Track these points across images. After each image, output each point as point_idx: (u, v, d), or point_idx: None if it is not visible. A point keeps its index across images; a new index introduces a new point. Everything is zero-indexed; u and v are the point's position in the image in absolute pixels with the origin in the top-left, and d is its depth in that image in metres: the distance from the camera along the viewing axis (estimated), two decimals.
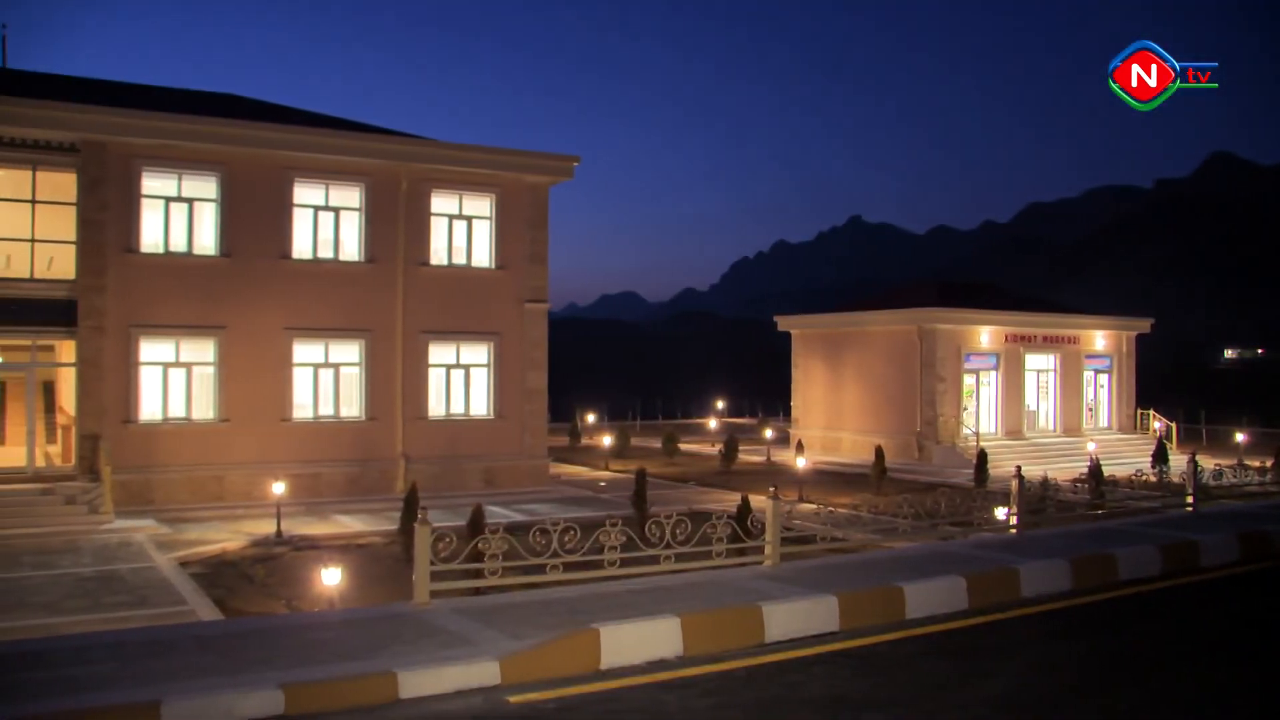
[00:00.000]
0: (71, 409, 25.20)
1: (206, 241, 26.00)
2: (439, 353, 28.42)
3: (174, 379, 25.50)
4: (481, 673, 8.89)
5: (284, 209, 26.52)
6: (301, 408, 26.83)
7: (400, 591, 15.24)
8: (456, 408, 28.77)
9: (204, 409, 25.75)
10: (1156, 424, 44.56)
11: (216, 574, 18.44)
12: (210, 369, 25.76)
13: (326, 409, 27.14)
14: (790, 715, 8.37)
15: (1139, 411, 44.84)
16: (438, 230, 28.54)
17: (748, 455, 38.86)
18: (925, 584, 11.89)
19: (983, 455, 30.12)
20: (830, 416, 42.92)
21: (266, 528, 22.07)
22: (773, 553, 13.36)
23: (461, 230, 28.91)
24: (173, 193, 25.63)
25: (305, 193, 26.94)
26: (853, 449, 40.47)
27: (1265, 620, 12.17)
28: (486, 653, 9.20)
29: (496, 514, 22.16)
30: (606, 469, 35.91)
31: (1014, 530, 16.29)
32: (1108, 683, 9.37)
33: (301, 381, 26.84)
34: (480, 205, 29.04)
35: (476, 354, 28.97)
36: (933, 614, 11.57)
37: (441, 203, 28.53)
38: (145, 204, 25.22)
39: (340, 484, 26.71)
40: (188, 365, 25.62)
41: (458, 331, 28.55)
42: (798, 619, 10.74)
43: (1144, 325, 45.41)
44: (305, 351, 26.86)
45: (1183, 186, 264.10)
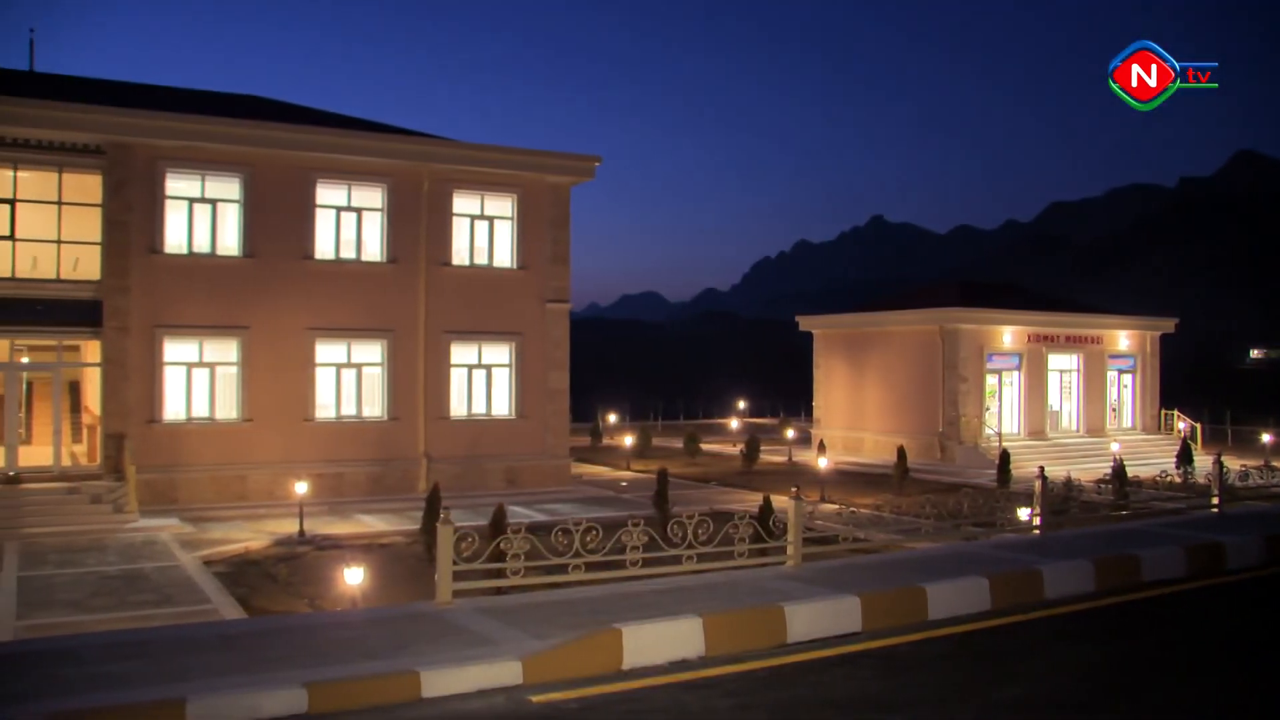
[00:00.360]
0: (97, 409, 25.38)
1: (230, 242, 26.14)
2: (461, 353, 28.50)
3: (198, 379, 25.65)
4: (504, 672, 8.89)
5: (306, 209, 26.65)
6: (324, 407, 26.95)
7: (422, 591, 15.30)
8: (478, 408, 28.84)
9: (227, 409, 25.90)
10: (1181, 424, 44.24)
11: (240, 573, 18.54)
12: (234, 369, 25.91)
13: (349, 409, 27.25)
14: (812, 716, 8.34)
15: (1163, 412, 44.56)
16: (459, 230, 28.62)
17: (769, 455, 38.81)
18: (948, 584, 11.83)
19: (1005, 456, 29.99)
20: (852, 417, 42.81)
21: (289, 527, 22.18)
22: (795, 553, 13.32)
23: (483, 230, 28.98)
24: (196, 194, 25.80)
25: (328, 193, 27.06)
26: (875, 449, 40.36)
27: None
28: (509, 652, 9.21)
29: (518, 514, 22.20)
30: (628, 469, 35.92)
31: (1037, 531, 16.21)
32: (1131, 685, 9.30)
33: (324, 381, 26.96)
34: (502, 205, 29.10)
35: (498, 354, 29.03)
36: (955, 615, 11.51)
37: (463, 203, 28.61)
38: (169, 205, 25.41)
39: (362, 484, 26.81)
40: (211, 365, 25.77)
41: (480, 331, 28.61)
42: (820, 619, 10.70)
43: (1168, 325, 45.12)
44: (328, 351, 26.98)
45: (1207, 185, 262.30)
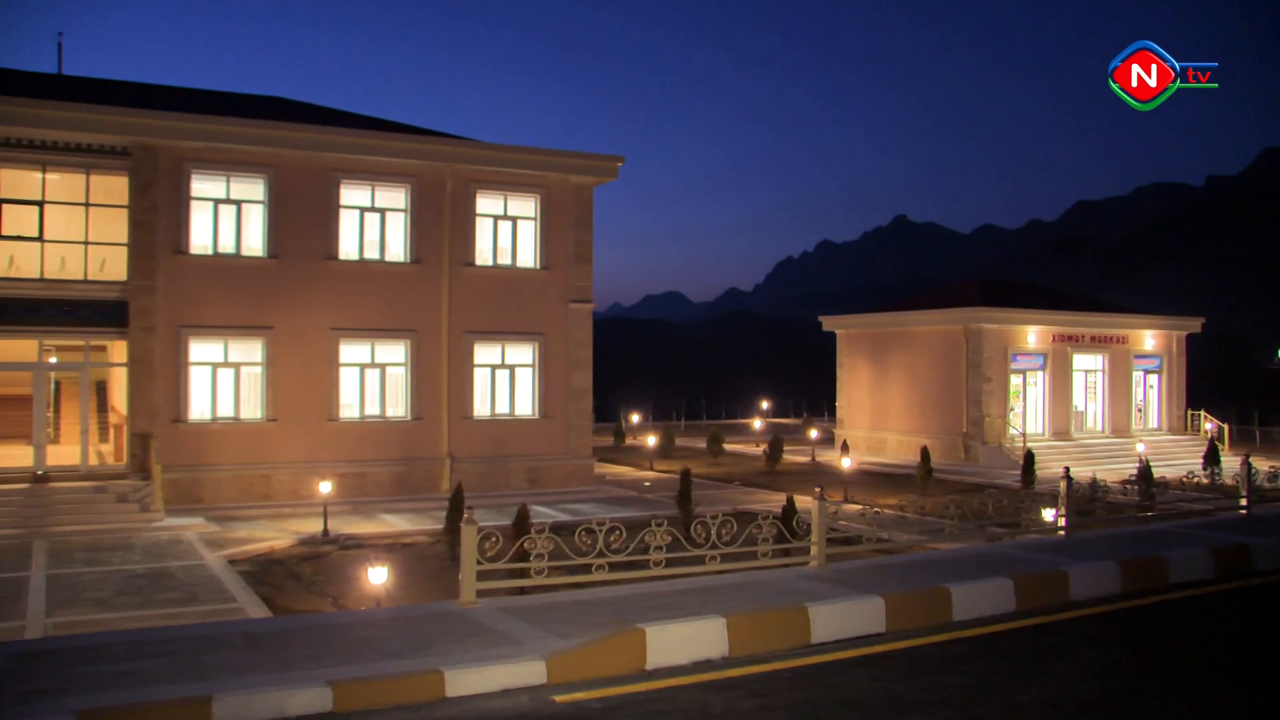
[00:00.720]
0: (123, 408, 25.56)
1: (254, 243, 26.28)
2: (484, 352, 28.56)
3: (223, 379, 25.81)
4: (527, 672, 8.90)
5: (330, 210, 26.76)
6: (348, 407, 27.06)
7: (446, 590, 15.34)
8: (502, 407, 28.90)
9: (252, 409, 26.04)
10: (1208, 425, 43.92)
11: (264, 572, 18.65)
12: (258, 369, 26.04)
13: (373, 409, 27.35)
14: (836, 717, 8.31)
15: (1189, 412, 44.24)
16: (483, 230, 28.69)
17: (792, 455, 38.75)
18: (972, 585, 11.76)
19: (1030, 456, 29.83)
20: (875, 417, 42.70)
21: (313, 526, 22.28)
22: (818, 553, 13.29)
23: (506, 230, 29.04)
24: (221, 195, 25.94)
25: (351, 194, 27.17)
26: (898, 449, 40.25)
27: None
28: (532, 652, 9.21)
29: (542, 513, 22.24)
30: (651, 469, 35.93)
31: (1062, 532, 16.10)
32: (1158, 688, 9.23)
33: (348, 381, 27.06)
34: (525, 206, 29.14)
35: (521, 354, 29.08)
36: (980, 616, 11.45)
37: (486, 203, 28.68)
38: (194, 206, 25.56)
39: (386, 483, 26.90)
40: (236, 365, 25.92)
41: (503, 331, 28.67)
42: (844, 620, 10.66)
43: (1194, 325, 44.80)
44: (352, 351, 27.09)
45: (1234, 183, 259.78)
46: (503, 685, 8.73)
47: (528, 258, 29.27)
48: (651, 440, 40.28)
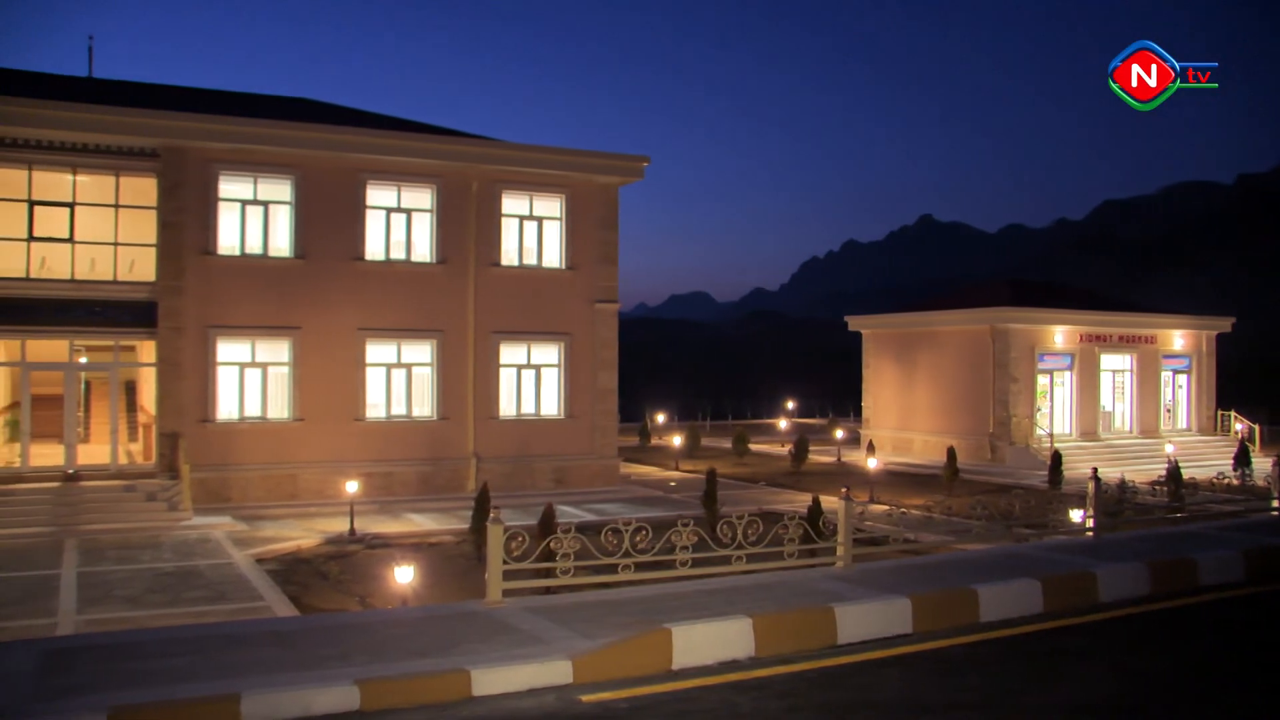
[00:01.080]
0: (152, 408, 25.74)
1: (281, 243, 26.41)
2: (510, 353, 28.61)
3: (250, 379, 25.95)
4: (554, 671, 8.92)
5: (357, 211, 26.87)
6: (374, 407, 27.16)
7: (472, 590, 15.38)
8: (527, 407, 28.95)
9: (279, 408, 26.18)
10: (1238, 425, 43.51)
11: (291, 571, 18.73)
12: (285, 369, 26.18)
13: (399, 408, 27.44)
14: (863, 717, 8.30)
15: (1219, 413, 43.82)
16: (508, 231, 28.74)
17: (818, 456, 38.65)
18: (999, 586, 11.71)
19: (1057, 456, 29.65)
20: (901, 417, 42.54)
21: (340, 525, 22.38)
22: (845, 554, 13.26)
23: (532, 231, 29.08)
24: (248, 196, 26.09)
25: (377, 194, 27.27)
26: (924, 450, 40.09)
27: None
28: (559, 651, 9.23)
29: (567, 513, 22.26)
30: (677, 469, 35.91)
31: (1090, 533, 16.00)
32: (1188, 691, 9.17)
33: (374, 381, 27.17)
34: (550, 206, 29.18)
35: (547, 354, 29.12)
36: (1007, 617, 11.39)
37: (512, 203, 28.73)
38: (222, 207, 25.72)
39: (412, 483, 26.99)
40: (263, 365, 26.06)
41: (528, 332, 28.72)
42: (870, 621, 10.64)
43: (1224, 324, 44.37)
44: (378, 352, 27.19)
45: (1266, 181, 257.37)
46: (529, 685, 8.76)
47: (553, 258, 29.31)
48: (677, 440, 40.26)
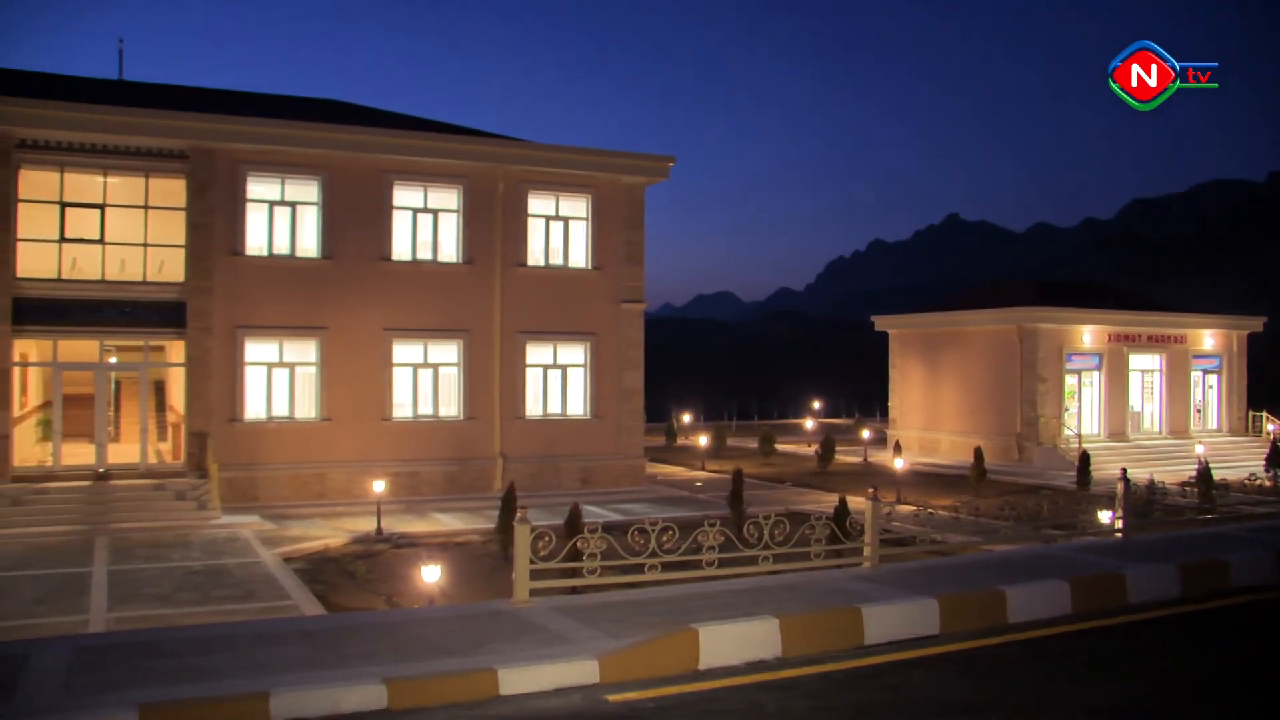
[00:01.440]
0: (181, 407, 25.93)
1: (308, 244, 26.56)
2: (536, 353, 28.67)
3: (278, 379, 26.10)
4: (580, 671, 8.93)
5: (383, 211, 26.98)
6: (401, 407, 27.26)
7: (498, 589, 15.42)
8: (553, 407, 29.00)
9: (306, 408, 26.31)
10: (1270, 426, 43.13)
11: (319, 570, 18.82)
12: (312, 369, 26.31)
13: (425, 408, 27.54)
14: (890, 719, 8.27)
15: (1250, 413, 43.46)
16: (534, 231, 28.80)
17: (844, 456, 38.54)
18: (1028, 587, 11.65)
19: (1085, 457, 29.45)
20: (928, 417, 42.37)
21: (367, 525, 22.46)
22: (872, 554, 13.22)
23: (558, 231, 29.13)
24: (276, 196, 26.25)
25: (404, 195, 27.38)
26: (951, 450, 39.91)
27: None
28: (585, 651, 9.24)
29: (593, 513, 22.28)
30: (702, 469, 35.88)
31: (1119, 534, 15.90)
32: (1219, 694, 9.09)
33: (401, 381, 27.28)
34: (576, 206, 29.22)
35: (573, 354, 29.16)
36: (1035, 619, 11.33)
37: (538, 204, 28.78)
38: (250, 208, 25.88)
39: (439, 482, 27.08)
40: (291, 365, 26.20)
41: (555, 332, 28.76)
42: (897, 621, 10.60)
43: (1256, 324, 44.00)
44: (405, 352, 27.30)
45: None
46: (556, 684, 8.77)
47: (579, 258, 29.34)
48: (703, 440, 40.22)
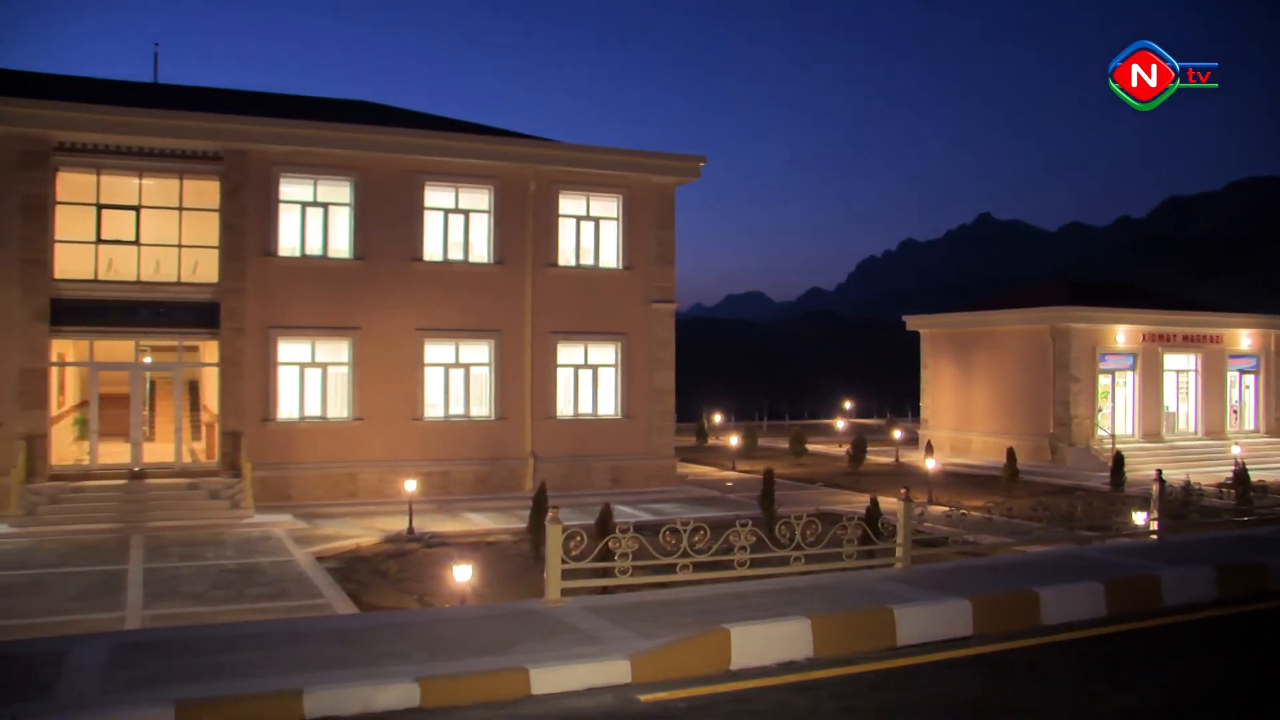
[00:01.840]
0: (214, 407, 26.14)
1: (340, 245, 26.71)
2: (567, 353, 28.71)
3: (310, 379, 26.26)
4: (612, 671, 8.93)
5: (415, 212, 27.10)
6: (432, 407, 27.37)
7: (530, 589, 15.45)
8: (584, 407, 29.03)
9: (339, 408, 26.46)
10: None
11: (351, 569, 18.92)
12: (345, 369, 26.45)
13: (457, 408, 27.63)
14: None
15: None
16: (565, 231, 28.84)
17: (876, 456, 38.40)
18: (1061, 589, 11.55)
19: (1119, 458, 29.21)
20: (960, 417, 42.14)
21: (398, 524, 22.56)
22: (904, 555, 13.16)
23: (589, 231, 29.16)
24: (308, 198, 26.41)
25: (435, 196, 27.49)
26: (983, 450, 39.68)
27: None
28: (617, 651, 9.24)
29: (624, 513, 22.27)
30: (733, 469, 35.83)
31: (1154, 536, 15.75)
32: (1256, 699, 8.99)
33: (432, 381, 27.38)
34: (607, 206, 29.24)
35: (604, 354, 29.18)
36: (1069, 620, 11.24)
37: (569, 204, 28.82)
38: (283, 209, 26.07)
39: (470, 482, 27.17)
40: (323, 365, 26.36)
41: (586, 332, 28.79)
42: (929, 622, 10.54)
43: None
44: (436, 352, 27.40)
45: None
46: (587, 684, 8.77)
47: (610, 258, 29.37)
48: (734, 440, 40.15)
